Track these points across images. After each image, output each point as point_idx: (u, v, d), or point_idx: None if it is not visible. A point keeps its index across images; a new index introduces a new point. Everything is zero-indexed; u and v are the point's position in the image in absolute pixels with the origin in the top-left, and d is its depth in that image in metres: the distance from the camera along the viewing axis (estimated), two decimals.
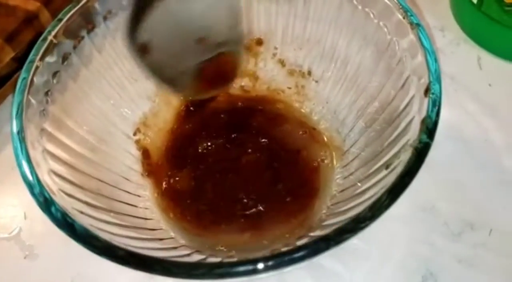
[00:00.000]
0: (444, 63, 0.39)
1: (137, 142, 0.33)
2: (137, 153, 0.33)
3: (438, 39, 0.40)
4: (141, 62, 0.25)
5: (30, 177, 0.23)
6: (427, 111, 0.23)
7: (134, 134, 0.33)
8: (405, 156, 0.23)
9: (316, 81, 0.34)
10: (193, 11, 0.25)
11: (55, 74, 0.27)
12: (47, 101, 0.27)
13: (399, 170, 0.23)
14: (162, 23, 0.25)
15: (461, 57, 0.39)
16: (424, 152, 0.22)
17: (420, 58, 0.25)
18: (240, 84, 0.36)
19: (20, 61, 0.39)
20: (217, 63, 0.28)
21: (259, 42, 0.34)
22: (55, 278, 0.32)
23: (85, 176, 0.28)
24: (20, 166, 0.23)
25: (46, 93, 0.27)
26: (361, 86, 0.31)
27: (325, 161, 0.32)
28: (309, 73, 0.34)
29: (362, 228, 0.21)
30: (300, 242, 0.28)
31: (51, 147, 0.26)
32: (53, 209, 0.22)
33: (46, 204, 0.22)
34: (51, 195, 0.23)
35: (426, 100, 0.23)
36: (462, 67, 0.39)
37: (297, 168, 0.32)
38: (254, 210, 0.31)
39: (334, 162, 0.32)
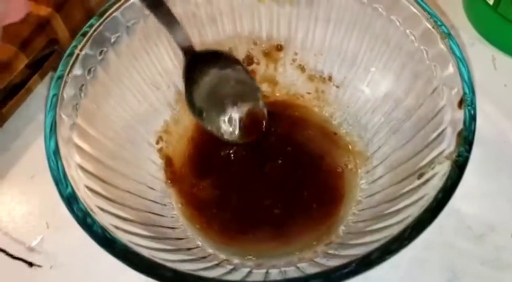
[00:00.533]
0: None
1: (160, 150, 0.33)
2: (160, 161, 0.33)
3: None
4: (200, 121, 0.33)
5: (69, 194, 0.23)
6: (465, 123, 0.23)
7: (157, 142, 0.33)
8: (442, 169, 0.23)
9: (337, 86, 0.34)
10: (225, 85, 0.33)
11: (81, 87, 0.27)
12: (76, 115, 0.26)
13: (435, 182, 0.23)
14: (207, 94, 0.32)
15: (476, 58, 0.39)
16: (464, 165, 0.22)
17: (451, 68, 0.25)
18: None
19: (32, 67, 0.39)
20: (249, 116, 0.34)
21: (279, 48, 0.34)
22: None
23: (113, 187, 0.27)
24: (58, 183, 0.23)
25: (75, 107, 0.27)
26: (385, 91, 0.31)
27: (349, 166, 0.32)
28: (330, 78, 0.34)
29: (404, 246, 0.21)
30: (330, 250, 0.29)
31: (81, 161, 0.26)
32: (94, 227, 0.22)
33: (86, 220, 0.22)
34: (91, 212, 0.23)
35: (460, 112, 0.24)
36: (476, 68, 0.39)
37: (321, 174, 0.32)
38: (280, 217, 0.31)
39: (358, 167, 0.32)
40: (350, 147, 0.33)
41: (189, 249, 0.30)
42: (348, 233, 0.30)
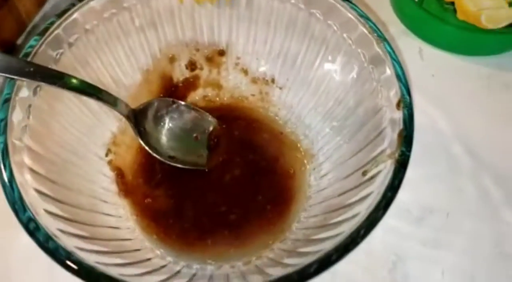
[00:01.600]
0: None
1: (110, 162, 0.33)
2: (111, 174, 0.33)
3: None
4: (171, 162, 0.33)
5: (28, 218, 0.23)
6: (404, 124, 0.25)
7: (106, 155, 0.33)
8: (385, 167, 0.25)
9: (280, 88, 0.35)
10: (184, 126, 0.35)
11: (28, 108, 0.27)
12: (23, 136, 0.26)
13: (380, 180, 0.25)
14: (168, 141, 0.34)
15: (404, 50, 0.42)
16: (406, 163, 0.24)
17: (388, 71, 0.27)
18: (203, 95, 0.36)
19: None
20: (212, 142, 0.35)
21: (221, 52, 0.35)
22: None
23: (68, 205, 0.27)
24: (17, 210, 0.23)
25: (24, 129, 0.26)
26: (325, 91, 0.33)
27: (300, 166, 0.34)
28: (273, 80, 0.35)
29: (359, 242, 0.22)
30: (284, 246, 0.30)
31: (35, 184, 0.26)
32: (58, 252, 0.22)
33: (48, 245, 0.22)
34: (52, 236, 0.23)
35: (399, 113, 0.25)
36: (405, 59, 0.41)
37: (275, 176, 0.34)
38: (236, 221, 0.32)
39: (306, 164, 0.34)
40: (298, 145, 0.35)
41: (148, 259, 0.30)
42: (301, 229, 0.31)
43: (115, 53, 0.32)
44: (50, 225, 0.24)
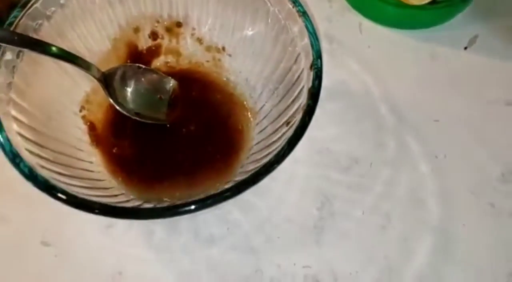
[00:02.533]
0: (331, 29, 0.47)
1: (83, 117, 0.39)
2: (84, 127, 0.39)
3: (325, 9, 0.48)
4: (136, 117, 0.39)
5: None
6: (313, 82, 0.31)
7: (80, 111, 0.39)
8: (299, 116, 0.31)
9: (230, 55, 0.41)
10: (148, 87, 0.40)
11: (13, 69, 0.33)
12: (10, 92, 0.32)
13: (294, 126, 0.31)
14: (135, 100, 0.40)
15: (345, 24, 0.48)
16: (311, 113, 0.30)
17: (306, 40, 0.33)
18: (165, 61, 0.42)
19: None
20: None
21: (179, 24, 0.41)
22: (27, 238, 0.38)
23: (48, 150, 0.33)
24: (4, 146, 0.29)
25: (9, 86, 0.32)
26: (265, 59, 0.38)
27: (247, 122, 0.40)
28: (223, 48, 0.41)
29: (271, 171, 0.29)
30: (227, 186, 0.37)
31: (19, 130, 0.32)
32: (38, 179, 0.29)
33: (32, 175, 0.29)
34: (33, 168, 0.29)
35: (311, 73, 0.32)
36: (346, 33, 0.47)
37: (226, 131, 0.40)
38: (190, 168, 0.38)
39: (251, 121, 0.40)
40: (245, 104, 0.41)
41: (115, 195, 0.36)
42: (243, 173, 0.37)
43: (87, 25, 0.38)
44: (31, 160, 0.30)
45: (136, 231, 0.39)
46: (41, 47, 0.33)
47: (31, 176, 0.29)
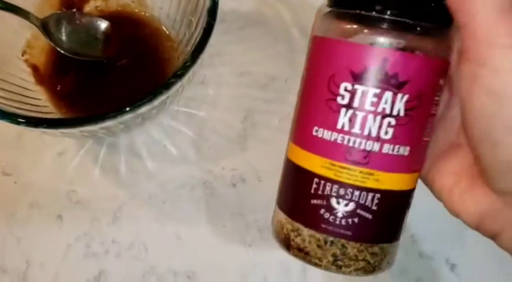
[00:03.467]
0: None
1: (26, 60, 0.44)
2: (28, 69, 0.44)
3: None
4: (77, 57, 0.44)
5: None
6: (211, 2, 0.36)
7: (22, 55, 0.44)
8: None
9: None
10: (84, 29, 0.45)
11: None
12: None
13: (197, 39, 0.36)
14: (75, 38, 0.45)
15: None
16: (210, 29, 0.36)
17: None
18: (95, 6, 0.47)
19: None
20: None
21: None
22: None
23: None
24: None
25: None
26: None
27: (173, 53, 0.45)
28: None
29: (179, 77, 0.34)
30: None
31: None
32: None
33: None
34: None
35: None
36: None
37: (155, 62, 0.45)
38: (125, 97, 0.43)
39: (177, 50, 0.45)
40: (170, 36, 0.46)
41: None
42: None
43: None
44: None
45: (83, 156, 0.44)
46: None
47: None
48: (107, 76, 0.45)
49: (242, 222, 0.42)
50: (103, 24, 0.46)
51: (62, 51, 0.43)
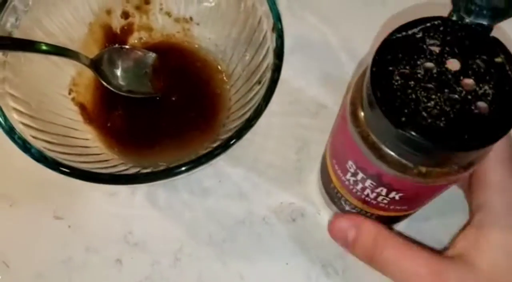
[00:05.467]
0: None
1: (73, 99, 0.43)
2: (75, 108, 0.43)
3: None
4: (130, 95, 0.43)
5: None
6: (276, 43, 0.35)
7: (69, 93, 0.42)
8: (269, 74, 0.35)
9: (198, 24, 0.45)
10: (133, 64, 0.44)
11: (4, 63, 0.36)
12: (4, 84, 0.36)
13: (266, 84, 0.35)
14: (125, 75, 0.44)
15: None
16: (278, 71, 0.34)
17: (266, 5, 0.36)
18: (138, 37, 0.46)
19: None
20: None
21: (147, 1, 0.44)
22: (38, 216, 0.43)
23: (46, 133, 0.37)
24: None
25: (2, 80, 0.36)
26: (230, 25, 0.42)
27: (224, 86, 0.44)
28: (191, 18, 0.45)
29: (252, 126, 0.33)
30: (214, 144, 0.41)
31: (18, 117, 0.35)
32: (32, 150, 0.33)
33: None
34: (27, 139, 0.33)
35: (274, 35, 0.36)
36: None
37: (206, 96, 0.44)
38: (176, 133, 0.43)
39: (227, 83, 0.44)
40: (219, 68, 0.45)
41: (114, 166, 0.40)
42: (226, 131, 0.42)
43: (63, 14, 0.41)
44: (38, 145, 0.34)
45: (137, 195, 0.43)
46: (33, 46, 0.36)
47: (42, 158, 0.33)
48: (157, 112, 0.44)
49: (304, 258, 0.42)
50: (151, 57, 0.44)
51: (113, 90, 0.42)
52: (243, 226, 0.42)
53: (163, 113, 0.44)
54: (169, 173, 0.33)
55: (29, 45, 0.37)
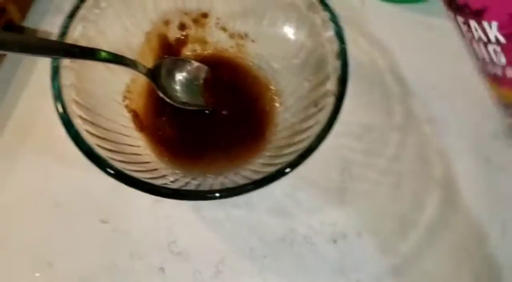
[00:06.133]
0: (335, 6, 0.51)
1: (126, 106, 0.43)
2: (128, 115, 0.43)
3: None
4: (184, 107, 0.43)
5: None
6: (341, 70, 0.36)
7: (123, 100, 0.43)
8: (330, 100, 0.36)
9: (253, 41, 0.45)
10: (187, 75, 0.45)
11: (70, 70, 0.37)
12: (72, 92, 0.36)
13: (328, 109, 0.36)
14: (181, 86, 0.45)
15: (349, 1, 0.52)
16: (343, 97, 0.35)
17: (331, 31, 0.37)
18: (192, 49, 0.46)
19: None
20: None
21: (205, 15, 0.45)
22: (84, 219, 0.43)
23: (105, 140, 0.38)
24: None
25: (71, 87, 0.36)
26: (287, 45, 0.43)
27: (272, 103, 0.45)
28: (246, 35, 0.45)
29: (311, 154, 0.34)
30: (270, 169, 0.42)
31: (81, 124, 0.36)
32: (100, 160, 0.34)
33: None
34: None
35: (338, 62, 0.36)
36: (350, 9, 0.52)
37: (254, 113, 0.44)
38: (225, 146, 0.43)
39: (276, 100, 0.45)
40: (270, 85, 0.45)
41: (164, 175, 0.41)
42: (272, 147, 0.42)
43: (124, 22, 0.42)
44: (102, 154, 0.35)
45: (183, 204, 0.44)
46: (95, 54, 0.37)
47: (107, 168, 0.34)
48: (207, 124, 0.44)
49: (344, 280, 0.42)
50: (204, 70, 0.45)
51: (168, 100, 0.43)
52: (284, 243, 0.43)
53: (213, 126, 0.44)
54: (235, 192, 0.34)
55: (93, 53, 0.37)
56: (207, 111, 0.44)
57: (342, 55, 0.36)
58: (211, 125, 0.44)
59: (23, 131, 0.46)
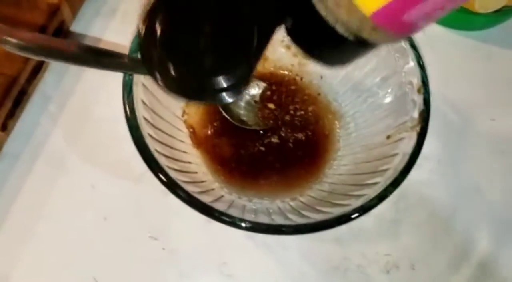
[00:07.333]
0: None
1: (185, 121, 0.42)
2: (186, 130, 0.42)
3: None
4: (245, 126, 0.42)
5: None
6: (426, 105, 0.34)
7: (182, 115, 0.42)
8: (407, 135, 0.35)
9: None
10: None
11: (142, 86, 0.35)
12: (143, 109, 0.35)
13: (403, 146, 0.35)
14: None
15: None
16: (425, 136, 0.34)
17: (412, 63, 0.36)
18: None
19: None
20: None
21: None
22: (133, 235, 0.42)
23: (170, 159, 0.36)
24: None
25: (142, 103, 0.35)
26: (352, 68, 0.42)
27: (333, 126, 0.43)
28: None
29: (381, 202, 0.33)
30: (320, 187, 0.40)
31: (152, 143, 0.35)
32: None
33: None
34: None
35: (420, 96, 0.35)
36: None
37: (313, 136, 0.43)
38: (281, 169, 0.42)
39: (336, 123, 0.44)
40: (330, 107, 0.44)
41: (221, 196, 0.40)
42: (334, 174, 0.41)
43: None
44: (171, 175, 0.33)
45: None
46: None
47: (171, 184, 0.33)
48: (264, 144, 0.43)
49: None
50: (262, 87, 0.44)
51: (228, 117, 0.41)
52: (337, 271, 0.42)
53: (270, 146, 0.43)
54: (317, 227, 0.33)
55: None
56: (263, 131, 0.43)
57: (425, 89, 0.35)
58: (268, 146, 0.43)
59: (73, 138, 0.45)
